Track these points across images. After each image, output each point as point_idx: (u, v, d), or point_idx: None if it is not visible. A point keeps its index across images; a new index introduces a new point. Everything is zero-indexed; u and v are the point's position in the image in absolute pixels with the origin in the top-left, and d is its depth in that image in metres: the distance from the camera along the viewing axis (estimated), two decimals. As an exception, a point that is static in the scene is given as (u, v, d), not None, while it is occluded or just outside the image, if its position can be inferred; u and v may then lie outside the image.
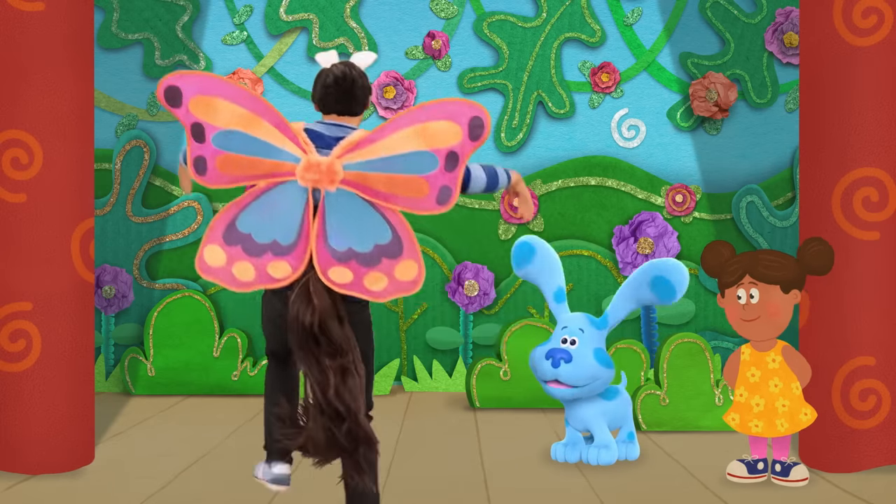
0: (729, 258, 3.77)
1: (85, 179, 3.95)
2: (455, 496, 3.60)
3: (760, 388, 3.77)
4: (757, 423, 3.77)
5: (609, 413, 4.10)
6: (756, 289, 3.69)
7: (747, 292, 3.71)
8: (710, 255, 3.81)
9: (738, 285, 3.72)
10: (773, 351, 3.77)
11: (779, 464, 3.79)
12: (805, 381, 3.75)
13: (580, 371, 3.93)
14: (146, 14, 5.84)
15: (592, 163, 5.98)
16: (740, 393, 3.82)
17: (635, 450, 4.14)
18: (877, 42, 3.87)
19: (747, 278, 3.70)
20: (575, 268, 5.95)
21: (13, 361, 3.78)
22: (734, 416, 3.84)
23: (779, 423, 3.74)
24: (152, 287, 5.83)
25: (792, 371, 3.74)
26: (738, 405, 3.83)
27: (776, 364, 3.76)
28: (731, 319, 3.79)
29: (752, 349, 3.80)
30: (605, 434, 4.03)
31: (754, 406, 3.77)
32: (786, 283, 3.67)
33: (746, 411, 3.80)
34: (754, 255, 3.75)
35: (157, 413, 5.15)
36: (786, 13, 5.97)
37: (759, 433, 3.78)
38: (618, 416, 4.16)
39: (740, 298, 3.72)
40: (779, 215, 5.97)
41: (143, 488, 3.65)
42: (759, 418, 3.77)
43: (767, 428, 3.76)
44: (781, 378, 3.75)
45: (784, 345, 3.77)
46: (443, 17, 5.94)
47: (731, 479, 3.81)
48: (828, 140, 3.95)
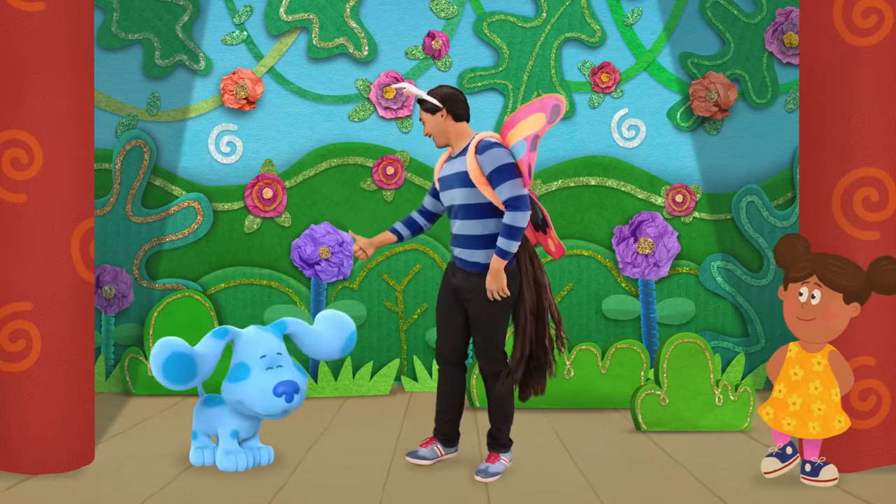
0: (803, 253, 3.77)
1: (85, 179, 3.95)
2: (455, 496, 3.60)
3: (800, 387, 3.78)
4: (790, 422, 3.79)
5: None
6: (819, 290, 3.69)
7: (810, 291, 3.71)
8: (784, 247, 3.81)
9: (804, 283, 3.72)
10: (821, 354, 3.76)
11: (809, 464, 3.79)
12: (846, 389, 3.76)
13: (304, 390, 3.96)
14: (146, 14, 5.84)
15: (592, 163, 5.98)
16: (779, 389, 3.83)
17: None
18: (877, 42, 3.87)
19: (814, 278, 3.70)
20: (575, 268, 5.95)
21: (13, 361, 3.78)
22: (769, 411, 3.85)
23: (811, 425, 3.75)
24: (152, 287, 5.84)
25: (835, 377, 3.74)
26: (775, 401, 3.84)
27: (820, 367, 3.76)
28: (786, 314, 3.79)
29: (800, 348, 3.81)
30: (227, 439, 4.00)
31: (790, 404, 3.79)
32: (850, 294, 3.66)
33: (782, 408, 3.81)
34: (826, 258, 3.73)
35: (157, 413, 5.15)
36: (786, 13, 5.97)
37: (791, 432, 3.79)
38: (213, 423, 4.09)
39: (801, 296, 3.73)
40: (779, 215, 5.97)
41: (143, 488, 3.65)
42: (793, 417, 3.78)
43: (799, 428, 3.77)
44: (823, 382, 3.75)
45: (832, 349, 3.77)
46: (443, 17, 5.94)
47: (769, 476, 3.83)
48: (828, 140, 3.95)
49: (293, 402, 3.87)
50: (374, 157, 5.92)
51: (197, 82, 5.88)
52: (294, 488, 3.68)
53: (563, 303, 5.94)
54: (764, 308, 5.98)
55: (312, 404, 5.44)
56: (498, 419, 3.91)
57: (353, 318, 5.87)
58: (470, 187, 3.75)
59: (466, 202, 3.77)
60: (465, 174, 3.76)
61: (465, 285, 3.82)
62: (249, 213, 5.89)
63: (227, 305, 5.84)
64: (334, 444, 4.44)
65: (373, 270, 5.92)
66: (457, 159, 3.85)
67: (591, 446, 4.38)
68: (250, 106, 5.86)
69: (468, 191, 3.76)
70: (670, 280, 5.97)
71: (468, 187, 3.75)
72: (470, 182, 3.74)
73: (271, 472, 3.92)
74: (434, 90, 3.90)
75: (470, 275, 3.81)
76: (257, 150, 5.91)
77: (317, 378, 5.75)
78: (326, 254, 5.82)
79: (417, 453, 4.04)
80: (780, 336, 5.97)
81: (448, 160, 3.94)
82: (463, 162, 3.79)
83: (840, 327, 3.71)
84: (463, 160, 3.80)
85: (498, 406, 3.89)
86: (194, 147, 5.88)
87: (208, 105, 5.89)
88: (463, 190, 3.77)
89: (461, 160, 3.81)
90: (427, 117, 3.88)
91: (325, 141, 5.93)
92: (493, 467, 3.85)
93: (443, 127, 3.86)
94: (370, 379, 5.76)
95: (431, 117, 3.87)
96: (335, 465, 4.06)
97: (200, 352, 3.81)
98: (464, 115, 3.88)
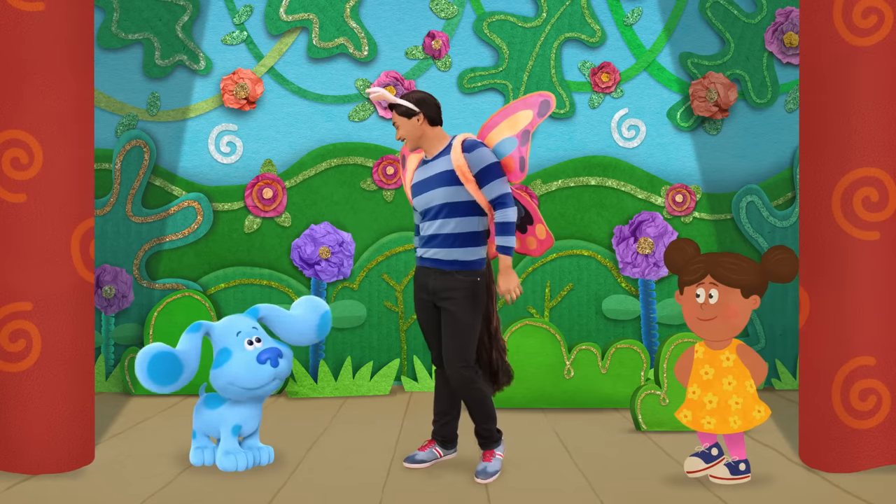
0: (693, 256, 3.79)
1: (85, 179, 3.95)
2: (455, 496, 3.60)
3: (714, 385, 3.78)
4: (710, 420, 3.79)
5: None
6: (716, 290, 3.70)
7: (706, 292, 3.72)
8: (674, 252, 3.83)
9: (699, 284, 3.73)
10: (728, 349, 3.77)
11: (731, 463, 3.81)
12: (759, 378, 3.76)
13: (289, 357, 3.99)
14: (146, 14, 5.84)
15: (592, 163, 5.98)
16: (693, 390, 3.83)
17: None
18: (877, 42, 3.87)
19: (708, 278, 3.71)
20: (575, 268, 5.95)
21: (13, 361, 3.78)
22: (686, 413, 3.85)
23: (732, 419, 3.76)
24: (152, 287, 5.84)
25: (747, 369, 3.75)
26: (691, 402, 3.84)
27: (730, 362, 3.77)
28: (686, 317, 3.80)
29: (706, 347, 3.81)
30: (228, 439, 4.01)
31: (707, 403, 3.79)
32: (746, 288, 3.68)
33: (699, 408, 3.81)
34: (717, 256, 3.76)
35: (157, 413, 5.15)
36: (786, 13, 5.97)
37: (712, 430, 3.79)
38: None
39: (699, 297, 3.73)
40: (779, 215, 5.97)
41: (143, 488, 3.65)
42: (711, 415, 3.78)
43: (720, 425, 3.77)
44: (735, 376, 3.76)
45: (738, 343, 3.78)
46: (443, 17, 5.94)
47: (692, 475, 3.81)
48: (828, 140, 3.95)
49: (280, 367, 3.90)
50: (374, 157, 5.92)
51: (197, 82, 5.89)
52: (294, 488, 3.68)
53: (563, 303, 5.94)
54: (764, 308, 5.97)
55: (312, 404, 5.44)
56: (482, 419, 3.92)
57: (354, 319, 5.87)
58: (453, 185, 3.77)
59: (448, 201, 3.78)
60: (449, 173, 3.77)
61: (444, 286, 3.81)
62: (249, 213, 5.89)
63: (226, 305, 5.84)
64: (334, 444, 4.44)
65: (373, 270, 5.92)
66: (435, 161, 3.87)
67: (591, 446, 4.38)
68: (250, 106, 5.86)
69: (451, 189, 3.77)
70: (670, 280, 5.97)
71: (451, 185, 3.77)
72: (453, 181, 3.76)
73: (271, 472, 3.92)
74: (407, 94, 3.92)
75: (447, 274, 3.80)
76: (257, 150, 5.91)
77: (317, 378, 5.75)
78: (326, 254, 5.82)
79: (415, 458, 4.04)
80: (780, 336, 5.98)
81: (421, 165, 3.96)
82: (445, 161, 3.81)
83: (742, 323, 3.73)
84: (445, 160, 3.82)
85: (479, 407, 3.90)
86: (194, 147, 5.88)
87: (208, 105, 5.89)
88: (445, 189, 3.78)
89: (442, 160, 3.83)
90: (402, 121, 3.90)
91: (325, 141, 5.93)
92: (492, 466, 3.86)
93: (418, 131, 3.88)
94: (370, 379, 5.76)
95: (407, 121, 3.89)
96: (335, 465, 4.06)
97: (181, 349, 3.84)
98: (438, 119, 3.91)
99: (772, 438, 4.58)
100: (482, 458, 3.92)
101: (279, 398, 5.61)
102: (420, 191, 3.89)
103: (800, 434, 4.12)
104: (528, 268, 5.95)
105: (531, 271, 5.95)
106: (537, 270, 5.95)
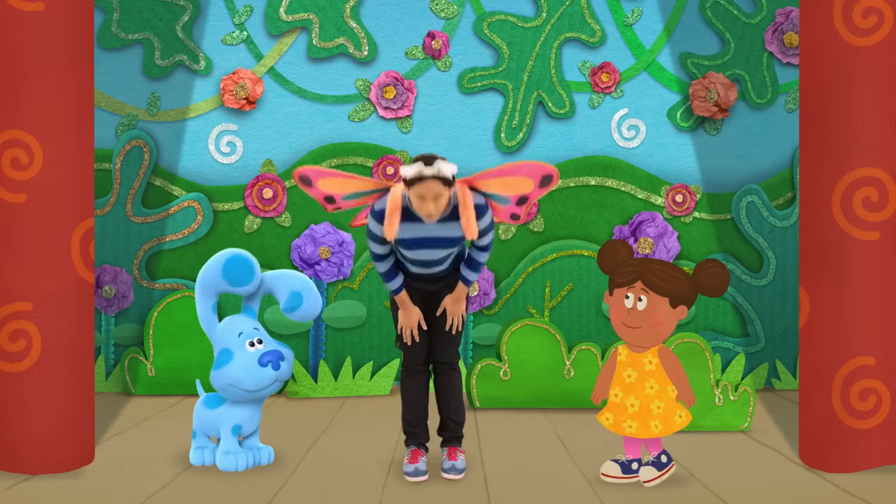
0: (626, 259, 3.76)
1: (85, 179, 3.95)
2: (455, 496, 3.60)
3: (636, 388, 3.76)
4: (631, 424, 3.76)
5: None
6: (645, 296, 3.68)
7: (636, 297, 3.68)
8: (607, 252, 3.79)
9: (629, 288, 3.70)
10: (650, 353, 3.75)
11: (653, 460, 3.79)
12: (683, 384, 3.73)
13: (290, 359, 4.00)
14: (146, 14, 5.84)
15: (592, 163, 5.98)
16: (615, 393, 3.80)
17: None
18: (877, 42, 3.87)
19: (639, 284, 3.67)
20: (575, 268, 5.95)
21: (13, 361, 3.78)
22: (608, 416, 3.82)
23: (653, 424, 3.74)
24: (152, 287, 5.84)
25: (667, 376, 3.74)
26: (613, 405, 3.81)
27: (653, 366, 3.75)
28: (613, 320, 3.77)
29: (629, 350, 3.79)
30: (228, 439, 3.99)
31: (629, 407, 3.76)
32: (675, 298, 3.66)
33: (621, 411, 3.78)
34: (650, 262, 3.72)
35: (157, 413, 5.15)
36: (786, 13, 5.97)
37: (633, 434, 3.77)
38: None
39: (628, 300, 3.70)
40: (779, 215, 5.97)
41: (143, 488, 3.65)
42: (633, 419, 3.76)
43: (641, 429, 3.75)
44: (658, 380, 3.74)
45: (661, 346, 3.76)
46: (443, 17, 5.94)
47: (605, 479, 3.79)
48: (828, 140, 3.95)
49: (281, 370, 3.91)
50: (374, 157, 5.92)
51: (197, 82, 5.88)
52: (294, 488, 3.68)
53: (563, 303, 5.94)
54: (764, 308, 5.97)
55: (312, 404, 5.44)
56: (462, 414, 3.97)
57: (354, 319, 5.87)
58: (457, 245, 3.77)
59: (449, 250, 3.76)
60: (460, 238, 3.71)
61: (447, 283, 3.88)
62: (249, 213, 5.89)
63: (227, 305, 5.83)
64: (334, 444, 4.44)
65: (373, 270, 5.92)
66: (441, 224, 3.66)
67: (591, 446, 4.37)
68: (250, 106, 5.86)
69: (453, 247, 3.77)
70: (670, 280, 5.96)
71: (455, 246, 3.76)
72: (458, 241, 3.74)
73: (271, 472, 3.92)
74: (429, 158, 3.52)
75: (448, 274, 3.87)
76: (257, 150, 5.91)
77: (317, 378, 5.75)
78: (326, 254, 5.82)
79: (419, 469, 3.86)
80: (780, 336, 5.98)
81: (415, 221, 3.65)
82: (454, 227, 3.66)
83: (667, 332, 3.71)
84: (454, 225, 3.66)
85: (460, 401, 3.97)
86: (194, 147, 5.88)
87: (208, 105, 5.89)
88: (450, 249, 3.76)
89: (450, 225, 3.66)
90: (446, 192, 3.53)
91: (325, 141, 5.93)
92: (460, 462, 3.88)
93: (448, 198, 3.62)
94: (370, 379, 5.76)
95: (449, 190, 3.56)
96: (335, 465, 4.06)
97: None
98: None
99: (772, 438, 4.58)
100: (447, 457, 3.89)
101: (279, 398, 5.61)
102: (419, 246, 3.71)
103: (800, 434, 4.12)
104: (529, 268, 5.95)
105: (531, 271, 5.95)
106: (537, 270, 5.95)
